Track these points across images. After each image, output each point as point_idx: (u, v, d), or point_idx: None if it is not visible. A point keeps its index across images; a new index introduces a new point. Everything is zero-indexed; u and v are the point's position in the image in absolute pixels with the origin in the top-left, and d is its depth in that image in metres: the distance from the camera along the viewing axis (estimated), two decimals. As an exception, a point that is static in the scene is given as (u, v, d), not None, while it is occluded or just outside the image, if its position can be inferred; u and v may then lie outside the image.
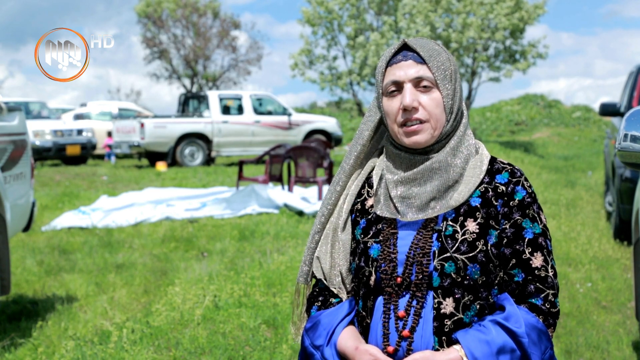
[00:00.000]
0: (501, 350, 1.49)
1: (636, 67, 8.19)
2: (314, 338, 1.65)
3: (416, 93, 1.61)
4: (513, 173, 1.65)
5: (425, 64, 1.61)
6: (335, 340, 1.62)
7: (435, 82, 1.61)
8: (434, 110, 1.61)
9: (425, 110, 1.60)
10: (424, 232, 1.60)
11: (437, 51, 1.63)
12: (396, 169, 1.66)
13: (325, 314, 1.67)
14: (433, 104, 1.60)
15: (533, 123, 27.31)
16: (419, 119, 1.60)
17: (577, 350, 4.11)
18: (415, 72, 1.61)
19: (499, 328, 1.52)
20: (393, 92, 1.63)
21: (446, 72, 1.62)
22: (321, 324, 1.66)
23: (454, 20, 20.92)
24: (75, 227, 8.19)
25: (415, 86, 1.61)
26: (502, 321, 1.52)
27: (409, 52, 1.63)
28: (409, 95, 1.60)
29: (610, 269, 5.93)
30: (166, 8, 30.85)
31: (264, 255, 6.41)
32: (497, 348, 1.49)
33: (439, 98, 1.61)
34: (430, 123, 1.61)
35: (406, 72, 1.61)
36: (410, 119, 1.60)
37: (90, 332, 4.41)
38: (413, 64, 1.62)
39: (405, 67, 1.62)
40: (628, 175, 6.48)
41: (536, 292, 1.58)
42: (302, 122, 17.99)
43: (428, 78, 1.61)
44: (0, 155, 4.58)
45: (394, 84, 1.62)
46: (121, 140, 16.82)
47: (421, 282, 1.58)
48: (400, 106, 1.61)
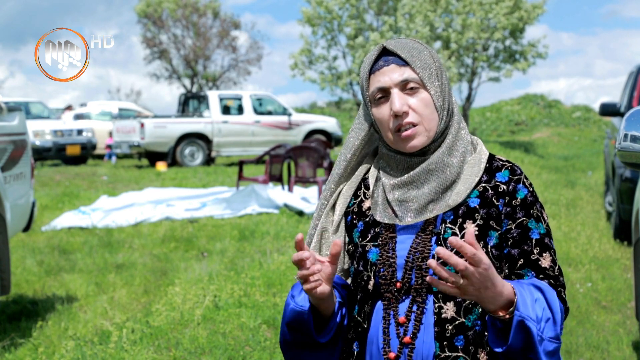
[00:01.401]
0: (537, 301, 1.45)
1: (636, 67, 8.19)
2: (293, 290, 1.63)
3: (404, 97, 1.57)
4: (513, 171, 1.62)
5: (408, 65, 1.57)
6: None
7: (421, 82, 1.57)
8: (424, 111, 1.57)
9: (416, 113, 1.57)
10: (422, 235, 1.58)
11: (417, 50, 1.59)
12: (392, 172, 1.63)
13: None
14: (422, 104, 1.57)
15: (533, 123, 27.32)
16: (411, 123, 1.56)
17: (577, 350, 4.11)
18: (400, 76, 1.57)
19: (533, 287, 1.48)
20: (380, 99, 1.59)
21: (431, 70, 1.58)
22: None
23: (453, 20, 20.93)
24: (75, 227, 8.19)
25: (402, 90, 1.57)
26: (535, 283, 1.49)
27: (389, 56, 1.59)
28: (397, 100, 1.56)
29: (610, 269, 5.94)
30: (166, 8, 30.84)
31: (264, 255, 6.41)
32: (534, 297, 1.45)
33: (428, 98, 1.58)
34: (423, 125, 1.57)
35: (391, 77, 1.57)
36: (403, 124, 1.57)
37: (90, 332, 4.41)
38: (396, 67, 1.58)
39: (388, 72, 1.58)
40: (628, 175, 6.48)
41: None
42: (302, 122, 17.99)
43: (413, 79, 1.57)
44: (0, 155, 4.58)
45: (380, 90, 1.59)
46: (121, 140, 16.82)
47: (421, 286, 1.55)
48: (391, 113, 1.57)
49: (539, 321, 1.41)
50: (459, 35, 20.42)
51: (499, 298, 1.40)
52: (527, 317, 1.39)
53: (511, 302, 1.42)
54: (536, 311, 1.42)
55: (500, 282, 1.40)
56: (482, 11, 20.31)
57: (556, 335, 1.45)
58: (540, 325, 1.42)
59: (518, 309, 1.39)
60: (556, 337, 1.44)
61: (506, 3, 20.20)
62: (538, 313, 1.42)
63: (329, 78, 22.14)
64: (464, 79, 21.76)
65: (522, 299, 1.41)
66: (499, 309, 1.42)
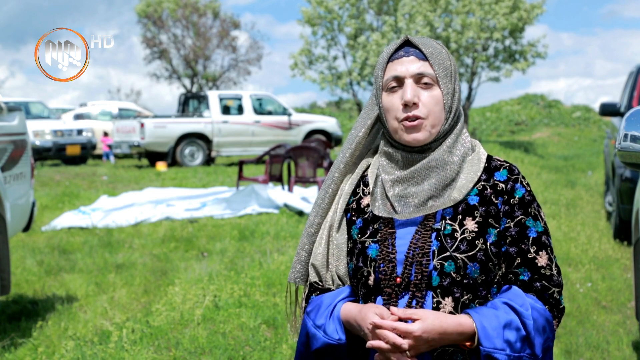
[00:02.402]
0: (507, 326, 1.50)
1: (636, 67, 8.19)
2: (315, 318, 1.64)
3: (417, 89, 1.60)
4: (511, 170, 1.65)
5: (427, 60, 1.61)
6: (337, 314, 1.62)
7: (436, 79, 1.61)
8: (433, 108, 1.60)
9: (425, 107, 1.60)
10: (422, 231, 1.59)
11: (438, 49, 1.63)
12: (392, 168, 1.65)
13: (327, 296, 1.67)
14: (433, 101, 1.60)
15: (533, 123, 27.32)
16: (418, 116, 1.60)
17: (577, 350, 4.11)
18: (417, 68, 1.61)
19: (507, 307, 1.53)
20: (394, 87, 1.63)
21: (447, 71, 1.62)
22: (323, 304, 1.65)
23: (453, 20, 20.93)
24: (75, 227, 8.19)
25: (416, 82, 1.61)
26: (510, 301, 1.54)
27: (411, 48, 1.64)
28: (410, 90, 1.59)
29: (610, 269, 5.94)
30: (166, 8, 30.84)
31: (264, 255, 6.41)
32: (504, 322, 1.50)
33: (439, 96, 1.61)
34: (429, 120, 1.60)
35: (407, 68, 1.61)
36: (410, 116, 1.60)
37: (90, 332, 4.41)
38: (415, 60, 1.61)
39: (406, 62, 1.62)
40: (628, 175, 6.48)
41: (542, 289, 1.59)
42: (302, 122, 17.99)
43: (429, 75, 1.61)
44: (0, 155, 4.58)
45: (395, 79, 1.62)
46: (121, 140, 16.82)
47: (421, 282, 1.57)
48: (401, 102, 1.60)
49: (512, 344, 1.49)
50: (459, 35, 20.43)
51: (459, 338, 1.51)
52: (491, 351, 1.48)
53: (474, 333, 1.50)
54: (507, 337, 1.50)
55: (454, 324, 1.50)
56: (482, 11, 20.31)
57: (532, 353, 1.51)
58: (515, 346, 1.50)
59: (482, 345, 1.49)
60: (532, 354, 1.51)
61: (506, 3, 20.20)
62: (510, 337, 1.50)
63: (329, 78, 22.14)
64: (464, 79, 21.76)
65: (484, 332, 1.49)
66: (463, 342, 1.52)
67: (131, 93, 38.21)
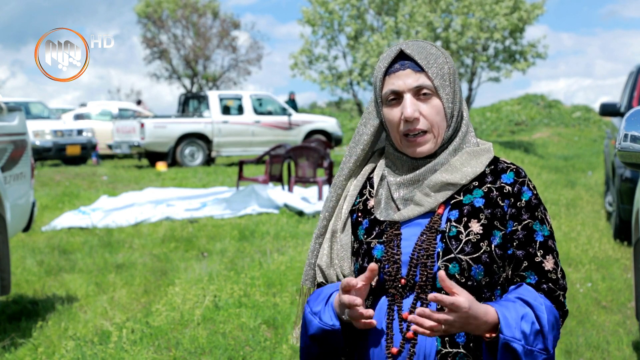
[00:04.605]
0: (523, 318, 1.50)
1: (636, 67, 8.19)
2: (313, 305, 1.65)
3: (417, 103, 1.60)
4: (518, 173, 1.65)
5: (424, 71, 1.60)
6: (332, 302, 1.62)
7: (434, 89, 1.60)
8: (435, 118, 1.60)
9: (427, 120, 1.60)
10: (427, 233, 1.60)
11: (434, 55, 1.62)
12: (398, 171, 1.66)
13: (328, 286, 1.68)
14: (434, 111, 1.60)
15: (533, 123, 27.30)
16: (421, 130, 1.60)
17: (577, 350, 4.11)
18: (414, 81, 1.59)
19: (521, 301, 1.53)
20: (392, 100, 1.62)
21: (445, 77, 1.61)
22: (322, 293, 1.66)
23: (453, 21, 20.93)
24: (75, 227, 8.19)
25: (415, 95, 1.60)
26: (523, 296, 1.54)
27: (406, 60, 1.61)
28: (410, 106, 1.59)
29: (610, 269, 5.94)
30: (166, 8, 30.84)
31: (264, 255, 6.41)
32: (521, 314, 1.50)
33: (439, 105, 1.61)
34: (432, 132, 1.61)
35: (405, 82, 1.60)
36: (412, 129, 1.60)
37: (90, 332, 4.41)
38: (411, 72, 1.60)
39: (403, 76, 1.60)
40: (628, 175, 6.48)
41: (549, 292, 1.59)
42: (302, 122, 17.98)
43: (427, 86, 1.60)
44: (0, 155, 4.58)
45: (393, 93, 1.61)
46: (121, 140, 16.82)
47: (425, 283, 1.58)
48: (402, 117, 1.60)
49: (527, 336, 1.48)
50: (459, 36, 20.42)
51: (483, 326, 1.48)
52: (511, 339, 1.47)
53: (497, 324, 1.49)
54: (523, 328, 1.49)
55: (483, 312, 1.47)
56: (482, 11, 20.31)
57: (545, 347, 1.50)
58: (529, 339, 1.48)
59: (502, 332, 1.47)
60: (545, 348, 1.50)
61: (506, 3, 20.20)
62: (526, 329, 1.49)
63: (329, 78, 22.14)
64: (464, 79, 21.76)
65: (505, 322, 1.48)
66: (484, 333, 1.50)
67: (131, 93, 38.17)
